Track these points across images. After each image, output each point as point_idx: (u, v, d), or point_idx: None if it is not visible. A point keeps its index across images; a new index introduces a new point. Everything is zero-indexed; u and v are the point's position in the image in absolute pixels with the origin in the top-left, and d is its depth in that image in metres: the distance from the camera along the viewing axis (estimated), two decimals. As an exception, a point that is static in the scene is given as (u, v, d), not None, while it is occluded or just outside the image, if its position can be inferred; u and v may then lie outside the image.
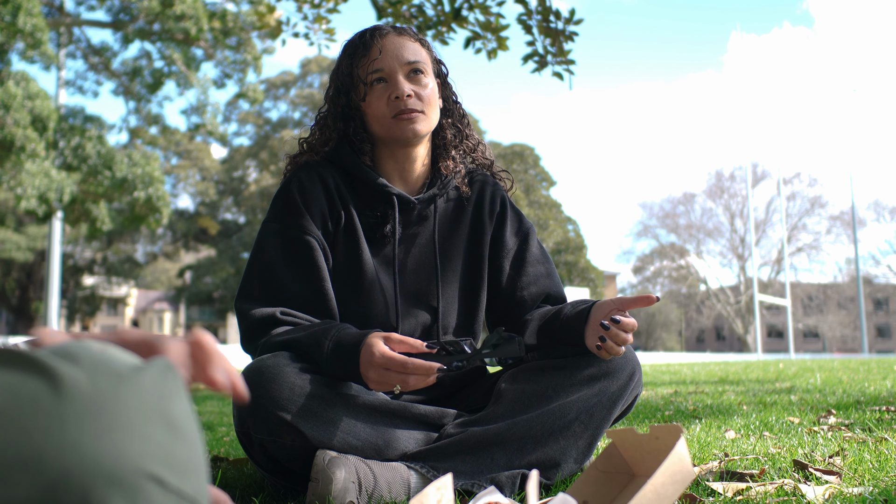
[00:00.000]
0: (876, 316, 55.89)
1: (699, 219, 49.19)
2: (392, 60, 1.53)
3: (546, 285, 1.63)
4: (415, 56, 1.55)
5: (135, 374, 0.47)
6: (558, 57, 5.04)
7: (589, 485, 1.12)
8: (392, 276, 1.55)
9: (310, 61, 36.29)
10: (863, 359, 14.66)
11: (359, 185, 1.58)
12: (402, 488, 1.32)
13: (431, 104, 1.55)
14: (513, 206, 1.70)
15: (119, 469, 0.43)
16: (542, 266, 1.65)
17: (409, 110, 1.51)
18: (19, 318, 30.02)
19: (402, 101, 1.50)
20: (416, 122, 1.52)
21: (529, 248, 1.66)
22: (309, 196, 1.52)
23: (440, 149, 1.63)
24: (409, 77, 1.53)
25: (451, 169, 1.61)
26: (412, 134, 1.52)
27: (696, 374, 7.01)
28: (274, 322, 1.43)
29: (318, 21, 5.56)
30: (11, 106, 14.13)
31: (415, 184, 1.62)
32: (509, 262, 1.64)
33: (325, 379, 1.36)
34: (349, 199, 1.56)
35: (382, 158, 1.60)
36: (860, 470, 1.45)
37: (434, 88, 1.57)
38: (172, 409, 0.47)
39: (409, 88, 1.51)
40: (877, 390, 3.76)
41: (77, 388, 0.44)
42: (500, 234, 1.65)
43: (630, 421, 2.58)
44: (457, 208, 1.64)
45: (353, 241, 1.54)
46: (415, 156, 1.60)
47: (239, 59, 19.53)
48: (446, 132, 1.63)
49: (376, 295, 1.53)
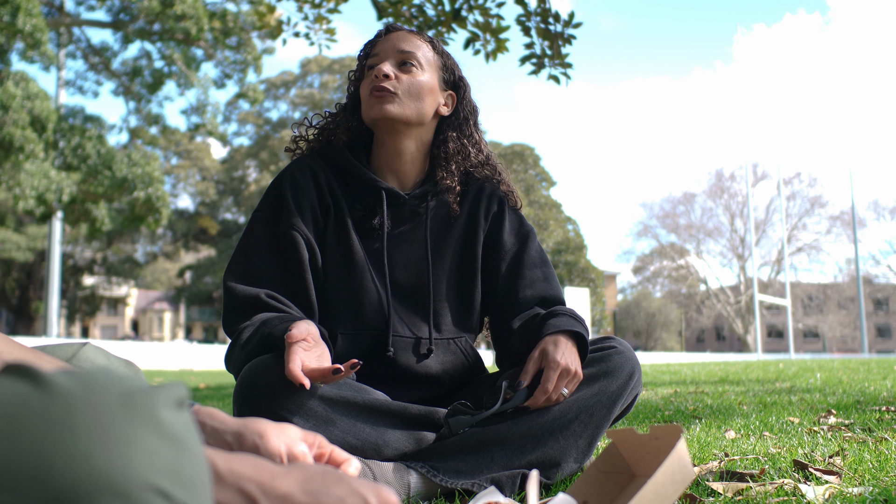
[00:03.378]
0: (876, 316, 55.91)
1: (699, 219, 49.23)
2: (387, 47, 1.58)
3: (543, 289, 1.62)
4: (409, 47, 1.57)
5: (142, 390, 0.48)
6: (556, 59, 5.04)
7: (589, 485, 1.12)
8: (382, 269, 1.55)
9: (310, 61, 36.30)
10: (863, 359, 14.67)
11: (350, 180, 1.60)
12: (402, 488, 1.32)
13: (411, 93, 1.55)
14: (512, 209, 1.69)
15: (126, 482, 0.43)
16: (540, 270, 1.64)
17: (381, 88, 1.53)
18: (19, 318, 30.02)
19: (379, 78, 1.53)
20: (385, 102, 1.53)
21: (528, 250, 1.65)
22: (300, 190, 1.55)
23: (439, 158, 1.63)
24: (399, 64, 1.56)
25: (444, 181, 1.60)
26: (378, 113, 1.53)
27: (696, 374, 7.01)
28: (258, 303, 1.45)
29: (318, 21, 5.56)
30: (10, 106, 14.13)
31: (407, 181, 1.63)
32: (507, 264, 1.63)
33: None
34: (340, 194, 1.57)
35: (375, 150, 1.63)
36: (860, 470, 1.45)
37: (422, 82, 1.56)
38: (178, 425, 0.48)
39: (389, 70, 1.53)
40: (877, 390, 3.76)
41: (87, 401, 0.45)
42: (498, 235, 1.65)
43: (630, 421, 2.58)
44: (451, 207, 1.64)
45: (344, 235, 1.55)
46: (402, 148, 1.60)
47: (239, 59, 19.54)
48: (448, 144, 1.63)
49: (368, 286, 1.54)
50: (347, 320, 1.52)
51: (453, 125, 1.65)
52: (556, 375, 1.38)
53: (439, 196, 1.63)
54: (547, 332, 1.45)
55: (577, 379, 1.41)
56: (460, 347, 1.59)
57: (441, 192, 1.62)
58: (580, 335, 1.45)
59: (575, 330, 1.45)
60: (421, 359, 1.53)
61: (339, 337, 1.51)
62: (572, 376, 1.40)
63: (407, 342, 1.53)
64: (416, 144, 1.61)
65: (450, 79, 1.64)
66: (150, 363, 15.55)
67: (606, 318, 38.02)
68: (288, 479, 0.59)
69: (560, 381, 1.39)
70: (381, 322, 1.53)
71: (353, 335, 1.52)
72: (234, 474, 0.57)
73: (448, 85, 1.63)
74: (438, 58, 1.61)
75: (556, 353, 1.40)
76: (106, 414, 0.45)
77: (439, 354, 1.55)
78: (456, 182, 1.62)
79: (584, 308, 14.78)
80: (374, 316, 1.53)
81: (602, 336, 1.58)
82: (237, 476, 0.57)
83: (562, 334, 1.45)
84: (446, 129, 1.64)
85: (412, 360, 1.53)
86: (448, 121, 1.65)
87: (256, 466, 0.59)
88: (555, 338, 1.44)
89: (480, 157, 1.67)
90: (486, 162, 1.68)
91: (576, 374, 1.41)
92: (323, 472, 0.61)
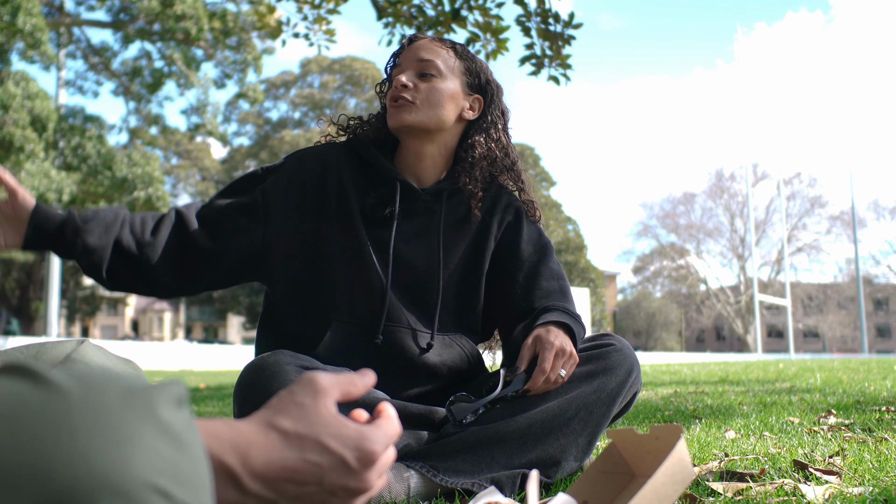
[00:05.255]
0: (876, 316, 55.93)
1: (699, 219, 49.28)
2: (409, 57, 1.59)
3: (559, 301, 1.61)
4: (429, 55, 1.58)
5: (142, 389, 0.48)
6: (556, 60, 5.04)
7: (589, 485, 1.12)
8: (386, 259, 1.55)
9: (310, 61, 36.31)
10: (863, 359, 14.67)
11: (370, 170, 1.62)
12: (402, 488, 1.32)
13: (428, 101, 1.55)
14: (530, 219, 1.69)
15: (126, 481, 0.43)
16: (557, 282, 1.63)
17: (399, 97, 1.55)
18: (19, 318, 30.02)
19: (397, 89, 1.55)
20: (403, 111, 1.54)
21: (547, 262, 1.65)
22: (302, 172, 1.59)
23: (464, 162, 1.62)
24: (419, 73, 1.57)
25: (467, 186, 1.60)
26: (395, 122, 1.55)
27: (696, 374, 7.01)
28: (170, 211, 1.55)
29: (318, 22, 5.56)
30: (11, 106, 14.14)
31: (426, 181, 1.63)
32: (523, 274, 1.62)
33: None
34: (351, 183, 1.58)
35: (399, 153, 1.64)
36: (860, 470, 1.45)
37: (441, 89, 1.56)
38: (178, 423, 0.48)
39: (407, 80, 1.55)
40: (877, 390, 3.76)
41: (86, 400, 0.45)
42: (515, 244, 1.64)
43: (630, 421, 2.58)
44: (467, 210, 1.63)
45: (347, 223, 1.55)
46: (423, 152, 1.60)
47: (239, 59, 19.54)
48: (475, 149, 1.62)
49: (368, 275, 1.53)
50: (344, 308, 1.52)
51: (480, 129, 1.64)
52: (551, 356, 1.38)
53: (457, 196, 1.63)
54: (539, 323, 1.47)
55: (574, 360, 1.42)
56: (458, 343, 1.59)
57: (458, 192, 1.62)
58: (571, 328, 1.46)
59: (564, 322, 1.46)
60: (421, 352, 1.53)
61: (334, 325, 1.50)
62: (568, 356, 1.40)
63: (406, 333, 1.53)
64: (439, 149, 1.61)
65: (475, 83, 1.63)
66: (150, 363, 15.55)
67: (606, 318, 38.03)
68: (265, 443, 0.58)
69: (556, 362, 1.39)
70: (378, 310, 1.53)
71: (349, 323, 1.52)
72: (210, 439, 0.55)
73: (474, 89, 1.63)
74: (461, 63, 1.61)
75: (549, 336, 1.41)
76: (105, 413, 0.45)
77: (438, 348, 1.55)
78: (479, 188, 1.61)
79: (584, 308, 14.79)
80: (372, 304, 1.53)
81: (600, 333, 1.58)
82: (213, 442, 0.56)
83: (553, 324, 1.46)
84: (473, 133, 1.63)
85: (410, 351, 1.53)
86: (475, 124, 1.64)
87: (233, 432, 0.57)
88: (546, 326, 1.45)
89: (506, 163, 1.66)
90: (510, 167, 1.68)
91: (571, 355, 1.41)
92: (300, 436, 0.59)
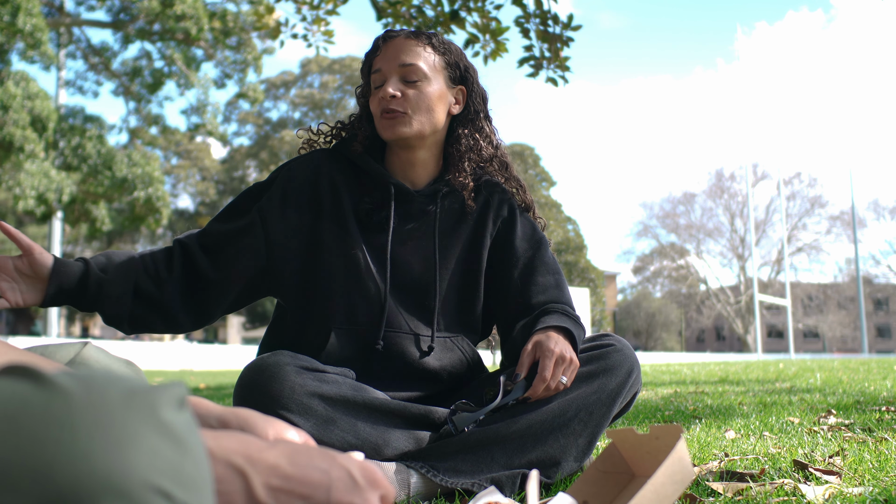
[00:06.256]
0: (876, 316, 55.89)
1: (699, 219, 49.23)
2: (389, 61, 1.53)
3: (555, 296, 1.61)
4: (411, 59, 1.53)
5: (144, 390, 0.48)
6: (554, 62, 5.04)
7: (589, 485, 1.12)
8: (384, 264, 1.55)
9: (310, 61, 36.29)
10: (863, 359, 14.66)
11: (362, 175, 1.60)
12: (402, 488, 1.33)
13: (420, 108, 1.52)
14: (524, 215, 1.68)
15: (127, 482, 0.43)
16: (553, 277, 1.63)
17: (390, 111, 1.51)
18: (19, 318, 30.01)
19: (386, 100, 1.51)
20: (397, 124, 1.51)
21: (542, 257, 1.64)
22: (295, 183, 1.57)
23: (453, 157, 1.61)
24: (402, 79, 1.53)
25: (458, 179, 1.58)
26: (391, 134, 1.52)
27: (696, 374, 7.01)
28: (174, 245, 1.55)
29: (316, 23, 5.56)
30: (11, 106, 14.14)
31: (418, 182, 1.61)
32: (519, 271, 1.61)
33: (325, 377, 1.38)
34: (344, 189, 1.57)
35: (389, 158, 1.62)
36: (860, 470, 1.45)
37: (430, 93, 1.53)
38: (179, 425, 0.48)
39: (394, 89, 1.51)
40: (877, 390, 3.76)
41: (87, 400, 0.45)
42: (509, 241, 1.63)
43: (630, 421, 2.58)
44: (461, 209, 1.63)
45: (342, 230, 1.54)
46: (415, 159, 1.59)
47: (239, 59, 19.54)
48: (461, 142, 1.60)
49: (366, 281, 1.53)
50: (342, 315, 1.52)
51: (465, 121, 1.62)
52: (551, 363, 1.38)
53: (450, 195, 1.62)
54: (538, 328, 1.46)
55: (574, 366, 1.42)
56: (459, 346, 1.59)
57: (452, 191, 1.62)
58: (570, 332, 1.46)
59: (563, 326, 1.46)
60: (421, 355, 1.53)
61: (333, 333, 1.50)
62: (568, 363, 1.40)
63: (406, 338, 1.53)
64: (431, 150, 1.60)
65: (456, 74, 1.60)
66: (150, 363, 15.55)
67: (606, 318, 38.01)
68: (275, 451, 0.60)
69: (557, 369, 1.39)
70: (377, 316, 1.52)
71: (348, 330, 1.51)
72: (222, 448, 0.57)
73: (456, 81, 1.60)
74: (441, 58, 1.57)
75: (549, 343, 1.40)
76: (107, 414, 0.45)
77: (438, 351, 1.55)
78: (469, 179, 1.60)
79: (584, 308, 14.77)
80: (370, 311, 1.52)
81: (600, 333, 1.58)
82: (225, 450, 0.57)
83: (552, 329, 1.46)
84: (458, 126, 1.62)
85: (410, 356, 1.52)
86: (459, 117, 1.62)
87: (243, 441, 0.60)
88: (546, 331, 1.45)
89: (490, 151, 1.65)
90: (495, 155, 1.66)
91: (572, 362, 1.41)
92: (308, 447, 0.62)
